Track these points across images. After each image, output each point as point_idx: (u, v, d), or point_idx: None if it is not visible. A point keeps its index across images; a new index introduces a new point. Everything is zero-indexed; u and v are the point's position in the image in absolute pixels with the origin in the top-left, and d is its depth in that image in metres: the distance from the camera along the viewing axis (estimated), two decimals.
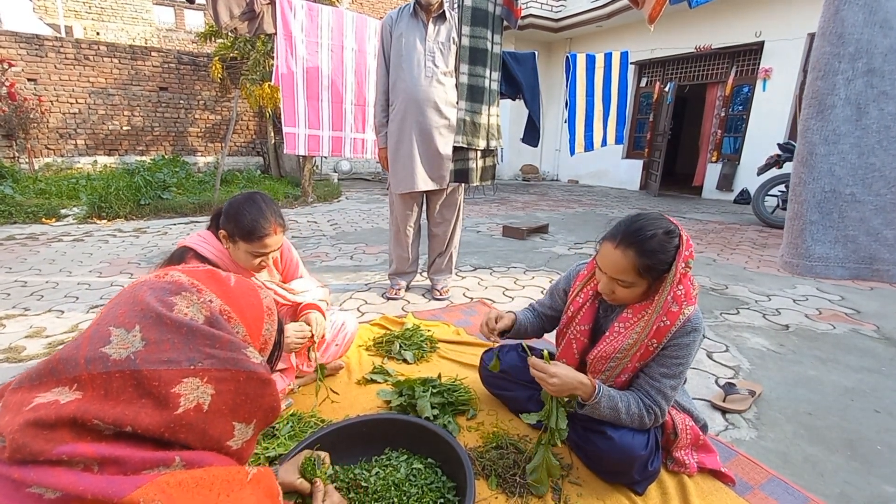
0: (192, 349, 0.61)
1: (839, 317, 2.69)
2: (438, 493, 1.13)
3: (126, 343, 0.59)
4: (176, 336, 0.61)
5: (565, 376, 1.18)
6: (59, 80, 7.61)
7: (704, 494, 1.25)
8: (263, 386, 0.67)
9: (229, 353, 0.63)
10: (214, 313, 0.67)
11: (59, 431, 0.53)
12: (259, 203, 1.43)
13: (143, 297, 0.64)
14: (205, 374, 0.61)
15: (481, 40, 2.53)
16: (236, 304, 0.71)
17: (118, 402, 0.56)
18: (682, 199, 8.38)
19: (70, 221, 4.85)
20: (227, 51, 7.67)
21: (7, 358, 1.92)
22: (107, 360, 0.57)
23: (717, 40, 8.12)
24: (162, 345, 0.60)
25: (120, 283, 2.96)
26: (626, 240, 1.15)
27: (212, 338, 0.63)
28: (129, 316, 0.61)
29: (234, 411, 0.64)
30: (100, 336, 0.60)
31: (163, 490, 0.53)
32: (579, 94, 4.52)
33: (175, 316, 0.62)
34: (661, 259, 1.15)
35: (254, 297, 0.76)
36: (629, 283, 1.18)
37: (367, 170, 10.58)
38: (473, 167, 2.68)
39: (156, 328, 0.61)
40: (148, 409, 0.57)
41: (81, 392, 0.56)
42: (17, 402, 0.56)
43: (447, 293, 2.85)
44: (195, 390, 0.60)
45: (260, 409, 0.67)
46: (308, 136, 3.22)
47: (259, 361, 0.67)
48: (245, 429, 0.66)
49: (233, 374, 0.63)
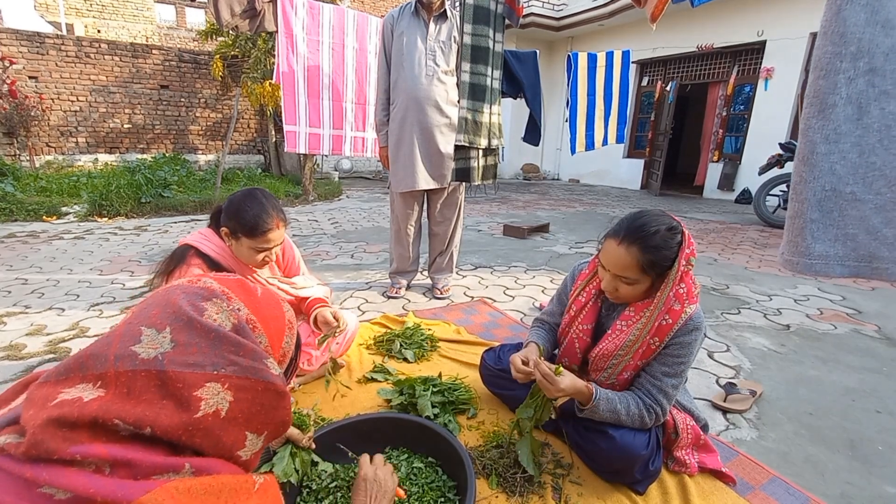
0: (218, 355, 0.62)
1: (840, 317, 2.69)
2: (439, 492, 1.13)
3: (156, 343, 0.60)
4: (204, 341, 0.62)
5: (569, 388, 1.18)
6: (61, 77, 7.62)
7: (705, 494, 1.25)
8: (279, 398, 0.68)
9: (251, 362, 0.65)
10: (241, 321, 0.68)
11: (78, 431, 0.54)
12: (259, 198, 1.43)
13: (175, 300, 0.65)
14: (226, 380, 0.62)
15: (483, 38, 2.52)
16: (262, 315, 0.73)
17: (139, 402, 0.57)
18: (684, 199, 8.38)
19: (71, 219, 4.86)
20: (228, 49, 7.67)
21: (7, 356, 1.93)
22: (135, 358, 0.58)
23: (718, 39, 8.11)
24: (190, 348, 0.61)
25: (121, 280, 2.96)
26: (630, 236, 1.15)
27: (237, 345, 0.64)
28: (161, 317, 0.63)
29: (248, 421, 0.65)
30: (131, 334, 0.61)
31: (172, 495, 0.53)
32: (581, 93, 4.51)
33: (205, 321, 0.64)
34: (664, 255, 1.15)
35: (277, 310, 0.78)
36: (633, 279, 1.18)
37: (368, 168, 10.58)
38: (475, 166, 2.68)
39: (186, 331, 0.62)
40: (168, 411, 0.58)
41: (105, 390, 0.57)
42: (42, 397, 0.57)
43: (448, 292, 2.85)
44: (216, 395, 0.61)
45: (272, 421, 0.68)
46: (309, 135, 3.22)
47: (277, 373, 0.68)
48: (256, 440, 0.67)
49: (252, 384, 0.64)
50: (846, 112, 0.93)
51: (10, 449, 0.53)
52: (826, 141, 0.94)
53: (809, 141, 0.97)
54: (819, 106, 0.94)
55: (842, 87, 0.91)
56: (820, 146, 0.95)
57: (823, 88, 0.93)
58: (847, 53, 0.91)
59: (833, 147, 0.94)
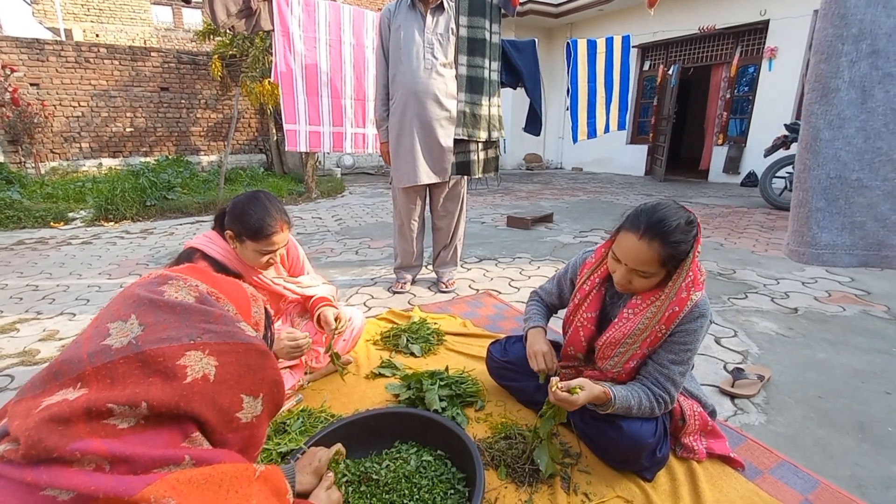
0: (189, 326, 0.64)
1: (849, 299, 2.67)
2: (448, 484, 1.15)
3: (125, 331, 0.61)
4: (172, 316, 0.64)
5: (586, 401, 1.17)
6: (61, 83, 7.65)
7: (714, 480, 1.26)
8: (263, 357, 0.70)
9: (225, 326, 0.67)
10: (203, 294, 0.70)
11: (75, 426, 0.54)
12: (263, 201, 1.44)
13: (133, 291, 0.68)
14: (205, 347, 0.63)
15: (479, 30, 2.50)
16: (221, 288, 0.75)
17: (126, 385, 0.58)
18: (688, 184, 8.30)
19: (78, 224, 4.91)
20: (226, 48, 7.65)
21: (22, 361, 1.96)
22: (109, 350, 0.59)
23: (720, 20, 7.97)
24: (159, 325, 0.63)
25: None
26: (651, 231, 1.13)
27: (205, 314, 0.66)
28: (123, 309, 0.64)
29: (239, 382, 0.66)
30: (99, 333, 0.62)
31: (173, 487, 0.54)
32: (581, 81, 4.47)
33: (167, 299, 0.65)
34: (682, 249, 1.14)
35: (236, 286, 0.80)
36: (650, 273, 1.17)
37: (370, 164, 10.57)
38: (475, 159, 2.67)
39: (151, 312, 0.64)
40: (158, 384, 0.59)
41: (87, 388, 0.57)
42: (23, 410, 0.57)
43: (453, 285, 2.86)
44: (199, 361, 0.62)
45: (264, 381, 0.70)
46: (309, 133, 3.22)
47: (254, 335, 0.70)
48: (253, 402, 0.68)
49: (231, 347, 0.66)
50: (849, 96, 0.91)
51: (9, 455, 0.54)
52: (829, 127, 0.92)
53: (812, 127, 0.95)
54: (821, 91, 0.92)
55: (844, 70, 0.89)
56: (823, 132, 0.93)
57: (825, 72, 0.91)
58: (848, 35, 0.89)
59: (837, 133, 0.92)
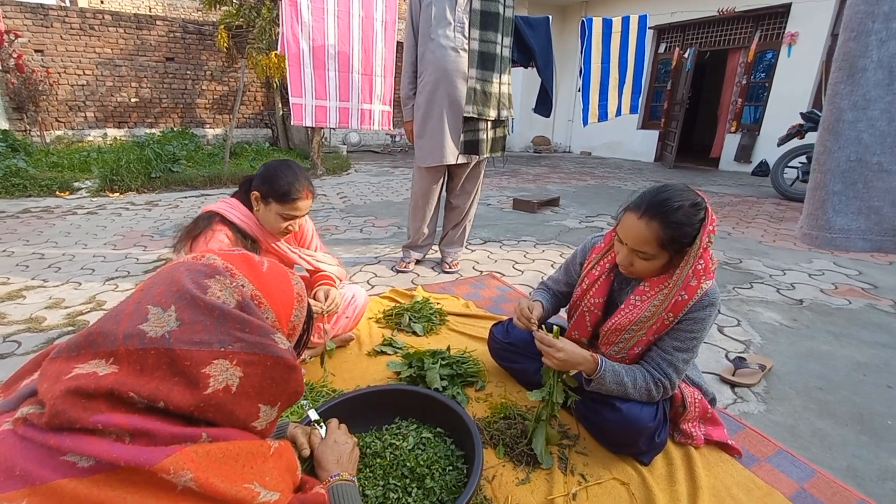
0: (223, 332, 0.63)
1: (855, 291, 2.64)
2: (447, 461, 1.16)
3: (162, 322, 0.61)
4: (208, 318, 0.63)
5: (570, 352, 1.19)
6: (66, 50, 7.55)
7: (710, 465, 1.27)
8: (289, 371, 0.69)
9: (258, 337, 0.66)
10: (246, 298, 0.69)
11: (97, 401, 0.56)
12: (294, 168, 1.52)
13: (179, 277, 0.66)
14: (234, 356, 0.63)
15: (493, 3, 2.43)
16: (267, 290, 0.73)
17: (152, 378, 0.59)
18: (699, 172, 8.18)
19: (83, 194, 4.91)
20: (232, 18, 7.49)
21: (28, 328, 1.98)
22: (143, 336, 0.60)
23: (741, 2, 7.72)
24: (195, 325, 0.62)
25: (134, 255, 3.00)
26: (651, 210, 1.12)
27: (242, 322, 0.65)
28: (165, 295, 0.64)
29: (260, 394, 0.66)
30: (139, 313, 0.62)
31: (192, 459, 0.56)
32: (594, 61, 4.36)
33: (208, 299, 0.64)
34: (685, 232, 1.12)
35: (285, 284, 0.78)
36: (650, 255, 1.16)
37: (377, 142, 10.46)
38: (484, 138, 2.63)
39: (190, 309, 0.63)
40: (180, 388, 0.59)
41: (118, 366, 0.58)
42: (55, 371, 0.59)
43: (457, 266, 2.85)
44: (224, 372, 0.62)
45: (285, 392, 0.70)
46: (315, 107, 3.17)
47: (286, 347, 0.69)
48: (270, 411, 0.69)
49: (260, 359, 0.65)
50: (876, 77, 0.87)
51: (32, 419, 0.55)
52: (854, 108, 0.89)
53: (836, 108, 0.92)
54: (848, 70, 0.88)
55: (873, 49, 0.85)
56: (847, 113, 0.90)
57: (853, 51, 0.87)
58: (880, 13, 0.85)
59: (861, 114, 0.89)
